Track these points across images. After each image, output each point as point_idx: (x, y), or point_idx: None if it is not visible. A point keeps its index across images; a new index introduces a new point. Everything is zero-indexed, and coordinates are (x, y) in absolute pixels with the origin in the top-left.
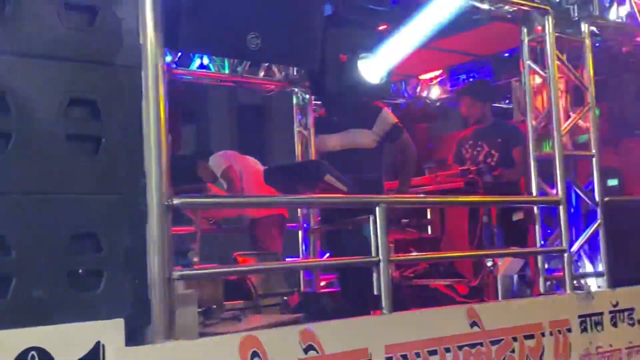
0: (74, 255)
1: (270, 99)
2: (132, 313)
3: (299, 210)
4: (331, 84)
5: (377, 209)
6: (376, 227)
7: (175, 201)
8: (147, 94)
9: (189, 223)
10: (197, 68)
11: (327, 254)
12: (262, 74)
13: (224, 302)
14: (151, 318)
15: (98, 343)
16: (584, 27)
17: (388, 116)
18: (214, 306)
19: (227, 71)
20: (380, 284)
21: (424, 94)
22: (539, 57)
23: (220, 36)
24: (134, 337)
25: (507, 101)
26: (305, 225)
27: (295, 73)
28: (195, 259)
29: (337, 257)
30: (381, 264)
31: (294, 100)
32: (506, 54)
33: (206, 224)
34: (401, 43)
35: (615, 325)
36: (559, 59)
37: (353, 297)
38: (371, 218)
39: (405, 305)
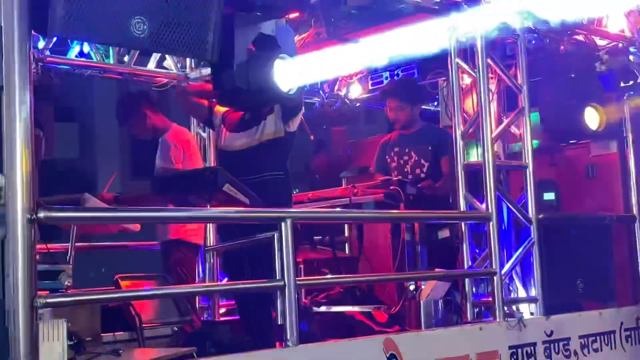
0: None
1: (166, 95)
2: None
3: None
4: (230, 80)
5: (282, 225)
6: (281, 246)
7: (42, 214)
8: (8, 85)
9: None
10: (77, 56)
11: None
12: (153, 64)
13: (101, 334)
14: (9, 352)
15: None
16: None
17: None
18: (89, 338)
19: (111, 61)
20: (285, 312)
21: (342, 92)
22: (468, 54)
23: (98, 20)
24: None
25: (435, 103)
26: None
27: (192, 64)
28: (68, 282)
29: (237, 280)
30: (286, 289)
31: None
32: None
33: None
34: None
35: (549, 357)
36: (490, 57)
37: (254, 327)
38: (276, 235)
39: (315, 336)
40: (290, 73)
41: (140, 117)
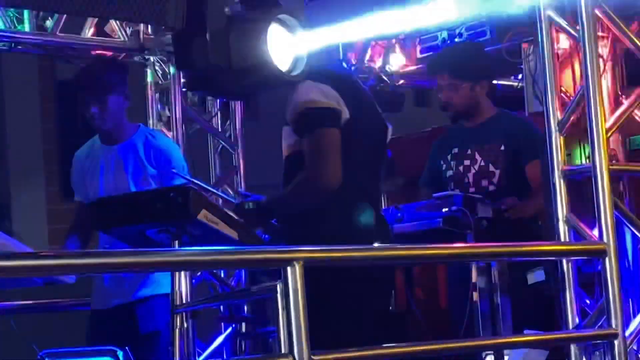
0: None
1: None
2: None
3: None
4: (202, 55)
5: (288, 270)
6: (287, 302)
7: None
8: None
9: None
10: None
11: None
12: (90, 32)
13: None
14: None
15: None
16: None
17: (300, 94)
18: None
19: (27, 28)
20: None
21: (377, 64)
22: (566, 3)
23: None
24: None
25: (518, 77)
26: None
27: (149, 32)
28: None
29: None
30: None
31: (148, 78)
32: None
33: None
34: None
35: None
36: (599, 5)
37: None
38: (279, 286)
39: None
40: (293, 42)
41: None
